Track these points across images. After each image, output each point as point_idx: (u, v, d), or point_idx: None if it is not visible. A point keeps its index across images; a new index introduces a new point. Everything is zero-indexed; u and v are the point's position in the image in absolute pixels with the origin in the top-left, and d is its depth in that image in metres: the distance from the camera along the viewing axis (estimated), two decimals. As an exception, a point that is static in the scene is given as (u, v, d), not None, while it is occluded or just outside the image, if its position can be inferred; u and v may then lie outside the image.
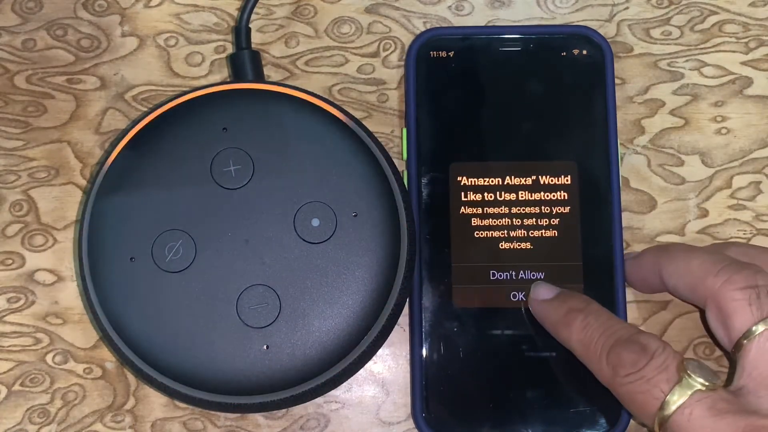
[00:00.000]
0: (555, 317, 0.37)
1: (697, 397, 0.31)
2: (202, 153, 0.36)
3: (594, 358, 0.34)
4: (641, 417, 0.33)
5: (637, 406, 0.33)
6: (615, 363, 0.33)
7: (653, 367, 0.32)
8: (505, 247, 0.39)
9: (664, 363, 0.32)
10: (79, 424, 0.39)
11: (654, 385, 0.32)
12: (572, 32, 0.41)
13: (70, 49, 0.42)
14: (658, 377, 0.32)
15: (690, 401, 0.31)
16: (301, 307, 0.35)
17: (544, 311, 0.37)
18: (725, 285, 0.33)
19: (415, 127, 0.40)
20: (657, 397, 0.32)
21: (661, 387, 0.32)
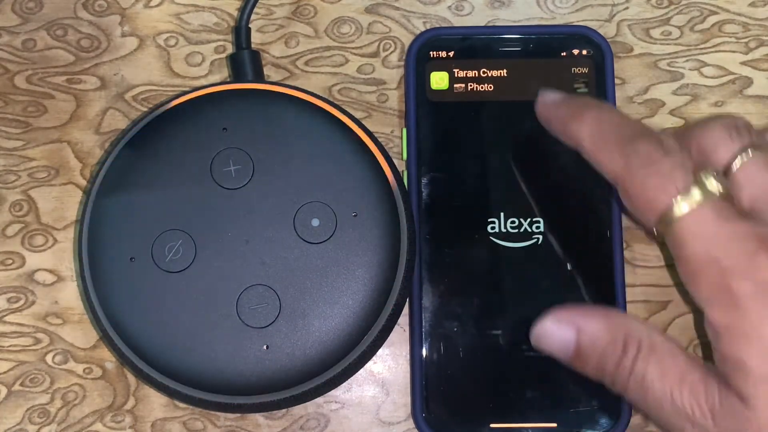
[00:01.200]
0: (565, 113, 0.35)
1: (709, 200, 0.31)
2: (202, 153, 0.36)
3: (605, 148, 0.33)
4: (645, 215, 0.32)
5: (644, 200, 0.32)
6: (629, 153, 0.32)
7: (670, 163, 0.32)
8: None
9: (682, 161, 0.32)
10: (79, 424, 0.39)
11: (670, 181, 0.31)
12: (572, 32, 0.41)
13: (70, 49, 0.42)
14: (675, 173, 0.31)
15: (703, 203, 0.31)
16: (301, 307, 0.35)
17: (553, 110, 0.36)
18: (705, 125, 0.33)
19: (415, 127, 0.40)
20: (669, 193, 0.31)
21: (676, 184, 0.31)
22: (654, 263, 0.40)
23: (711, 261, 0.31)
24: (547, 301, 0.38)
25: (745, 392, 0.30)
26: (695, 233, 0.31)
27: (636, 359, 0.32)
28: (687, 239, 0.31)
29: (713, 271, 0.31)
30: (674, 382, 0.31)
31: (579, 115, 0.35)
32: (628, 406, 0.37)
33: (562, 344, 0.34)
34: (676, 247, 0.32)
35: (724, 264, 0.30)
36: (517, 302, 0.38)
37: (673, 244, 0.32)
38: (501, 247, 0.39)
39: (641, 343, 0.32)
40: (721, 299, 0.30)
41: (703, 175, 0.31)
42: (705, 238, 0.31)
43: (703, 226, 0.31)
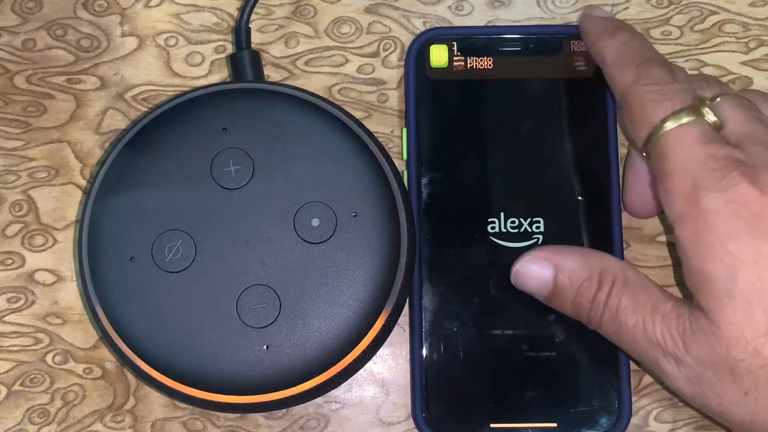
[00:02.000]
0: (602, 27, 0.37)
1: (698, 122, 0.32)
2: (202, 153, 0.36)
3: (622, 65, 0.35)
4: (638, 128, 0.33)
5: (641, 113, 0.33)
6: (642, 72, 0.34)
7: (675, 88, 0.33)
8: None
9: (687, 88, 0.33)
10: (79, 424, 0.39)
11: (668, 99, 0.33)
12: (572, 32, 0.40)
13: (70, 49, 0.42)
14: (676, 95, 0.33)
15: (690, 123, 0.32)
16: (300, 307, 0.35)
17: (592, 23, 0.38)
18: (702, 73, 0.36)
19: (415, 127, 0.40)
20: (665, 109, 0.33)
21: (673, 103, 0.33)
22: (654, 263, 0.40)
23: (686, 177, 0.32)
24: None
25: (711, 307, 0.31)
26: (676, 148, 0.32)
27: (610, 293, 0.33)
28: (668, 153, 0.32)
29: (686, 187, 0.31)
30: (647, 313, 0.32)
31: (612, 33, 0.37)
32: (628, 406, 0.37)
33: (541, 282, 0.35)
34: (657, 161, 0.33)
35: (697, 180, 0.31)
36: (517, 302, 0.38)
37: (655, 158, 0.33)
38: (501, 247, 0.39)
39: (615, 277, 0.34)
40: (690, 214, 0.31)
41: (700, 102, 0.33)
42: (685, 154, 0.32)
43: (686, 143, 0.32)
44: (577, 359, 0.38)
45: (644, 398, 0.39)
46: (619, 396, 0.38)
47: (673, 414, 0.39)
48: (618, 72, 0.35)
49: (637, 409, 0.39)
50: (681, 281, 0.40)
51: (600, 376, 0.38)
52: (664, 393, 0.39)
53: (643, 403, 0.39)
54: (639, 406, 0.39)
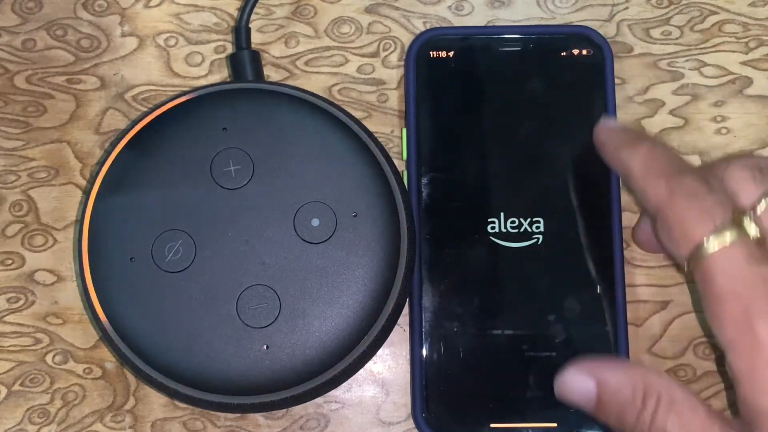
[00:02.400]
0: (621, 140, 0.36)
1: (744, 241, 0.31)
2: (202, 153, 0.36)
3: (653, 178, 0.34)
4: (678, 246, 0.32)
5: (681, 231, 0.32)
6: (675, 185, 0.33)
7: (712, 200, 0.32)
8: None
9: (724, 201, 0.32)
10: (79, 424, 0.39)
11: (708, 215, 0.32)
12: (572, 32, 0.41)
13: (70, 49, 0.42)
14: (715, 210, 0.32)
15: (736, 243, 0.31)
16: (300, 307, 0.35)
17: (610, 134, 0.37)
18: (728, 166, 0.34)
19: (415, 127, 0.40)
20: (706, 227, 0.31)
21: (714, 220, 0.31)
22: (654, 263, 0.40)
23: (737, 302, 0.31)
24: (547, 301, 0.38)
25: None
26: (725, 271, 0.31)
27: (656, 413, 0.32)
28: (716, 276, 0.31)
29: (738, 313, 0.30)
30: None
31: (633, 144, 0.36)
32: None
33: (584, 395, 0.34)
34: (704, 282, 0.32)
35: (751, 307, 0.30)
36: (517, 302, 0.38)
37: (701, 279, 0.32)
38: (501, 246, 0.39)
39: (660, 396, 0.32)
40: (745, 343, 0.30)
41: (741, 216, 0.32)
42: (734, 277, 0.31)
43: (734, 265, 0.31)
44: (577, 360, 0.38)
45: (644, 398, 0.39)
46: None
47: (673, 414, 0.39)
48: (649, 186, 0.34)
49: (637, 409, 0.39)
50: (680, 282, 0.40)
51: None
52: (664, 393, 0.39)
53: (643, 403, 0.39)
54: (639, 406, 0.39)
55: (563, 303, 0.38)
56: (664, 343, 0.39)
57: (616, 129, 0.38)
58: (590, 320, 0.38)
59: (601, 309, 0.38)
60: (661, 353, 0.39)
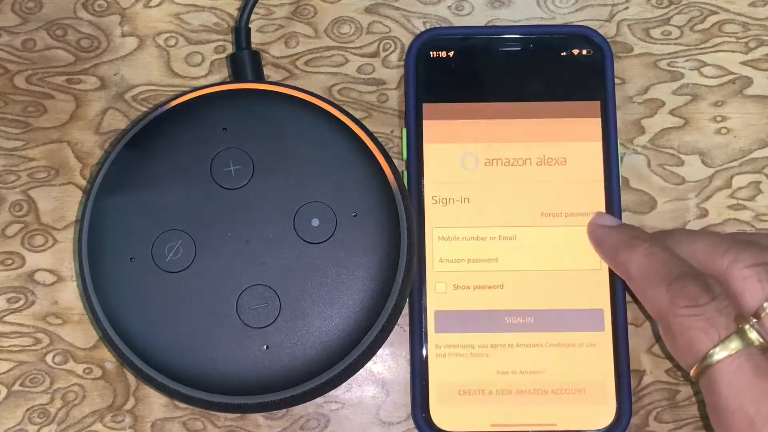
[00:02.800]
0: (616, 240, 0.36)
1: (748, 351, 0.31)
2: (202, 153, 0.36)
3: (653, 283, 0.34)
4: (684, 355, 0.33)
5: (685, 342, 0.32)
6: (676, 292, 0.33)
7: (715, 308, 0.32)
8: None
9: (726, 308, 0.32)
10: (79, 424, 0.39)
11: (712, 326, 0.32)
12: (572, 32, 0.41)
13: (70, 49, 0.42)
14: (718, 320, 0.32)
15: (741, 354, 0.31)
16: (301, 307, 0.35)
17: (606, 234, 0.37)
18: (733, 264, 0.33)
19: (415, 127, 0.40)
20: (712, 338, 0.31)
21: (718, 330, 0.31)
22: (654, 263, 0.40)
23: (744, 417, 0.31)
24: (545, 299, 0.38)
25: None
26: (730, 383, 0.31)
27: None
28: (722, 389, 0.31)
29: (745, 427, 0.31)
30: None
31: (631, 246, 0.35)
32: (628, 406, 0.37)
33: None
34: (710, 393, 0.32)
35: (756, 421, 0.30)
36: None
37: (707, 390, 0.32)
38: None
39: None
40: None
41: (745, 325, 0.32)
42: (740, 391, 0.31)
43: (740, 377, 0.31)
44: (577, 359, 0.38)
45: (644, 398, 0.39)
46: (619, 396, 0.37)
47: (673, 414, 0.39)
48: (649, 291, 0.34)
49: (637, 409, 0.39)
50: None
51: (600, 376, 0.38)
52: (664, 393, 0.39)
53: (643, 403, 0.39)
54: (639, 406, 0.39)
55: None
56: (664, 343, 0.39)
57: (609, 227, 0.37)
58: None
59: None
60: (661, 353, 0.39)
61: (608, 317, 0.38)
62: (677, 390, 0.39)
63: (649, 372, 0.39)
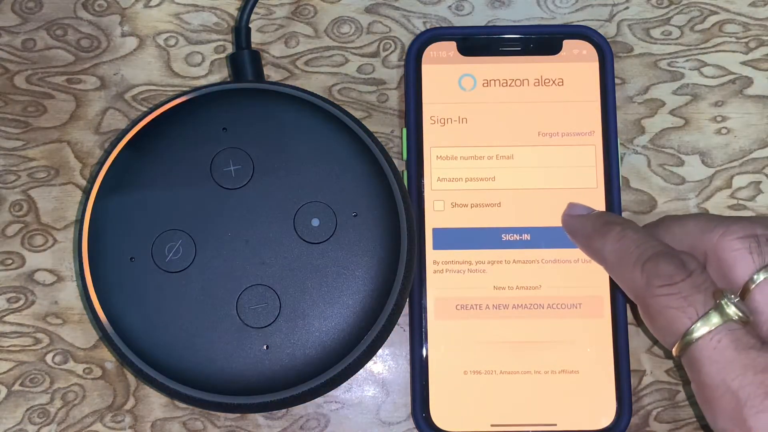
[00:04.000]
0: (590, 228, 0.36)
1: (728, 326, 0.31)
2: (202, 153, 0.36)
3: (627, 266, 0.33)
4: (663, 335, 0.33)
5: (664, 322, 0.32)
6: (651, 272, 0.32)
7: (691, 285, 0.32)
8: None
9: (703, 284, 0.32)
10: (79, 424, 0.39)
11: (689, 304, 0.31)
12: (572, 32, 0.41)
13: (70, 49, 0.42)
14: (695, 297, 0.32)
15: (720, 329, 0.31)
16: (300, 307, 0.35)
17: (579, 223, 0.37)
18: (723, 236, 0.33)
19: (415, 127, 0.40)
20: (690, 316, 0.31)
21: (696, 307, 0.31)
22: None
23: (727, 391, 0.31)
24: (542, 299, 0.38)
25: None
26: (711, 359, 0.31)
27: None
28: (704, 364, 0.31)
29: (729, 402, 0.30)
30: None
31: (603, 232, 0.36)
32: (628, 406, 0.37)
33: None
34: (692, 370, 0.32)
35: (741, 396, 0.30)
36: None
37: (689, 367, 0.32)
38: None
39: None
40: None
41: (723, 300, 0.31)
42: (721, 365, 0.31)
43: (720, 352, 0.31)
44: (577, 359, 0.38)
45: (644, 398, 0.39)
46: (619, 396, 0.37)
47: (673, 414, 0.39)
48: (625, 274, 0.34)
49: (637, 409, 0.39)
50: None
51: (600, 376, 0.38)
52: (664, 393, 0.39)
53: (643, 403, 0.39)
54: (639, 406, 0.39)
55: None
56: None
57: (580, 216, 0.37)
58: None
59: None
60: (661, 353, 0.39)
61: None
62: (677, 390, 0.39)
63: (649, 372, 0.39)
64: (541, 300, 0.38)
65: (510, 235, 0.39)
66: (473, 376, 0.38)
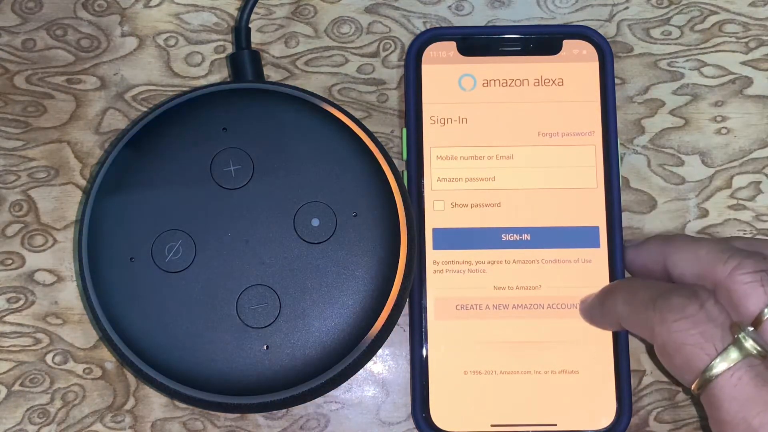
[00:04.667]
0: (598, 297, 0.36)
1: (748, 362, 0.31)
2: (202, 153, 0.36)
3: (640, 308, 0.33)
4: (682, 373, 0.32)
5: (682, 359, 0.32)
6: (663, 308, 0.32)
7: (705, 317, 0.31)
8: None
9: (718, 316, 0.31)
10: (79, 424, 0.39)
11: (707, 339, 0.31)
12: (572, 32, 0.41)
13: (70, 49, 0.42)
14: (713, 331, 0.31)
15: (740, 365, 0.30)
16: (300, 307, 0.35)
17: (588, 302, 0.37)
18: (735, 270, 0.33)
19: (415, 127, 0.40)
20: (708, 353, 0.31)
21: (714, 343, 0.31)
22: (654, 263, 0.40)
23: (748, 428, 0.30)
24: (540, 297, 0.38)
25: None
26: (732, 396, 0.31)
27: None
28: (723, 401, 0.31)
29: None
30: None
31: (611, 291, 0.36)
32: (628, 406, 0.37)
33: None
34: (711, 407, 0.32)
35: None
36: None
37: (708, 404, 0.32)
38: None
39: None
40: None
41: (740, 334, 0.31)
42: (742, 402, 0.30)
43: (741, 389, 0.30)
44: (577, 359, 0.38)
45: (644, 398, 0.39)
46: (619, 396, 0.38)
47: (673, 414, 0.39)
48: (638, 317, 0.33)
49: (637, 409, 0.39)
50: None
51: (600, 376, 0.38)
52: (664, 393, 0.39)
53: (643, 403, 0.39)
54: (639, 406, 0.39)
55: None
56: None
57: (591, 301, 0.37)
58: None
59: None
60: (661, 353, 0.39)
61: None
62: (677, 390, 0.39)
63: (649, 372, 0.39)
64: (541, 300, 0.38)
65: (510, 235, 0.39)
66: (473, 376, 0.38)
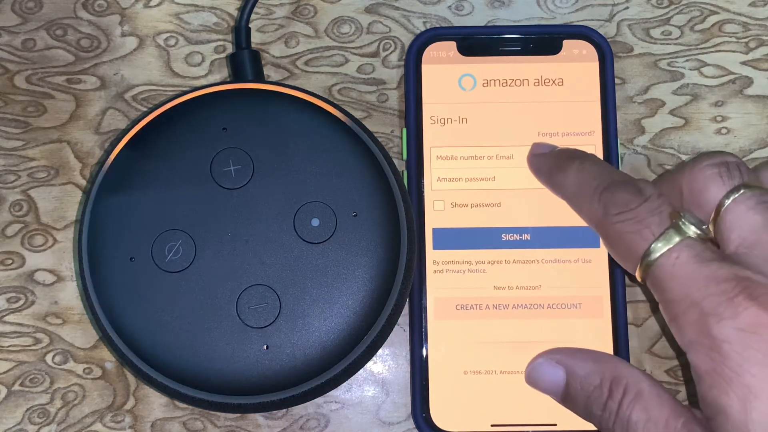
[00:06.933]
0: (551, 164, 0.37)
1: (686, 243, 0.31)
2: (202, 153, 0.36)
3: (586, 197, 0.34)
4: (626, 260, 0.33)
5: (624, 247, 0.33)
6: (607, 201, 0.33)
7: (646, 209, 0.33)
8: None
9: (658, 207, 0.33)
10: (79, 424, 0.39)
11: (645, 226, 0.32)
12: (572, 32, 0.41)
13: (70, 49, 0.42)
14: (650, 219, 0.32)
15: (679, 246, 0.31)
16: (300, 307, 0.35)
17: (541, 161, 0.38)
18: (696, 163, 0.34)
19: (415, 127, 0.40)
20: (646, 238, 0.32)
21: (651, 229, 0.32)
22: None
23: (691, 304, 0.31)
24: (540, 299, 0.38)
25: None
26: (673, 275, 0.31)
27: (621, 403, 0.33)
28: (665, 282, 0.32)
29: (693, 315, 0.31)
30: (658, 430, 0.32)
31: (563, 167, 0.36)
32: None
33: (553, 384, 0.35)
34: (656, 291, 0.32)
35: (704, 307, 0.30)
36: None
37: (654, 288, 0.32)
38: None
39: (627, 387, 0.33)
40: (703, 343, 0.30)
41: (679, 219, 0.32)
42: (683, 279, 0.31)
43: (681, 267, 0.31)
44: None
45: (644, 398, 0.39)
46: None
47: (673, 414, 0.39)
48: (584, 205, 0.35)
49: (637, 409, 0.39)
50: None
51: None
52: (664, 393, 0.39)
53: (643, 403, 0.39)
54: (639, 406, 0.39)
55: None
56: (664, 343, 0.39)
57: (542, 155, 0.38)
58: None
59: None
60: (661, 353, 0.39)
61: None
62: (677, 390, 0.39)
63: (649, 372, 0.39)
64: (541, 300, 0.38)
65: (510, 235, 0.39)
66: (473, 376, 0.38)
